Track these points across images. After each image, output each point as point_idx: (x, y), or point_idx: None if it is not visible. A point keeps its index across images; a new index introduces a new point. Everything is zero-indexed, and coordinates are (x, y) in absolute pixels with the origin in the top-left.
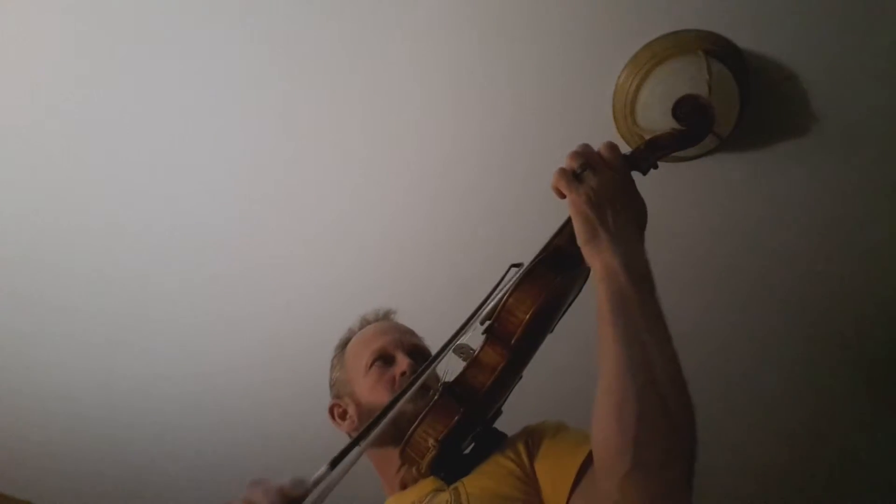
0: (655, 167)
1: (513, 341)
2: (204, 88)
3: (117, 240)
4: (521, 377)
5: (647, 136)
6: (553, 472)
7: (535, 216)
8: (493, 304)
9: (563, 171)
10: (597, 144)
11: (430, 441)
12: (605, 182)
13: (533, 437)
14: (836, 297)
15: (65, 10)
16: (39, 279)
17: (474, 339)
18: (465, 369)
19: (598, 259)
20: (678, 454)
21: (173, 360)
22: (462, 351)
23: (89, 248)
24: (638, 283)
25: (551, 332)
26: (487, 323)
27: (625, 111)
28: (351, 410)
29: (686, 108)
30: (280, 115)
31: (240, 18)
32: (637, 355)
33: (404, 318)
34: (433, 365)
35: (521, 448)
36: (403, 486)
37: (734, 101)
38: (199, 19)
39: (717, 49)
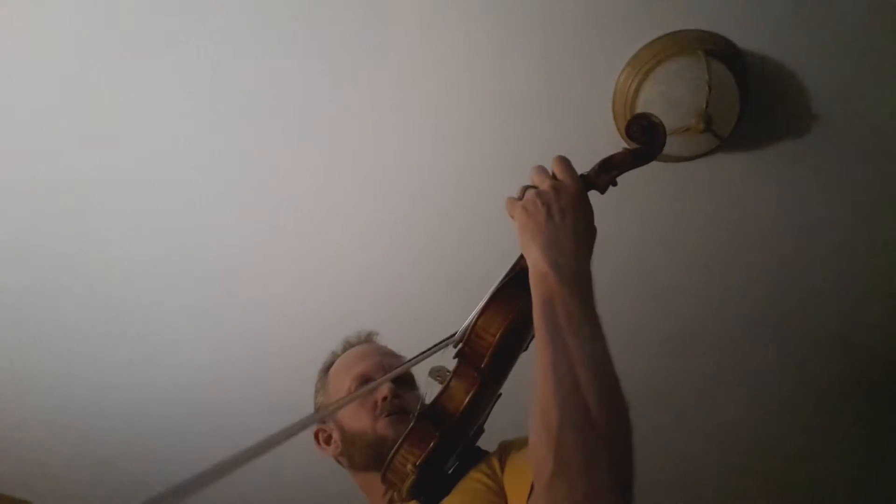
0: (615, 184)
1: (482, 365)
2: (200, 87)
3: (116, 250)
4: (500, 395)
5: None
6: (513, 485)
7: None
8: (464, 326)
9: (509, 198)
10: (597, 144)
11: (409, 466)
12: (542, 191)
13: (505, 452)
14: (837, 297)
15: (56, 14)
16: (39, 281)
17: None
18: (439, 395)
19: (529, 261)
20: (601, 460)
21: (174, 363)
22: (438, 374)
23: (89, 250)
24: (567, 284)
25: (525, 350)
26: (459, 346)
27: (625, 111)
28: (335, 436)
29: (637, 128)
30: (277, 116)
31: (240, 21)
32: (561, 360)
33: (399, 331)
34: (412, 363)
35: (496, 463)
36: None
37: (734, 101)
38: (197, 23)
39: (717, 49)
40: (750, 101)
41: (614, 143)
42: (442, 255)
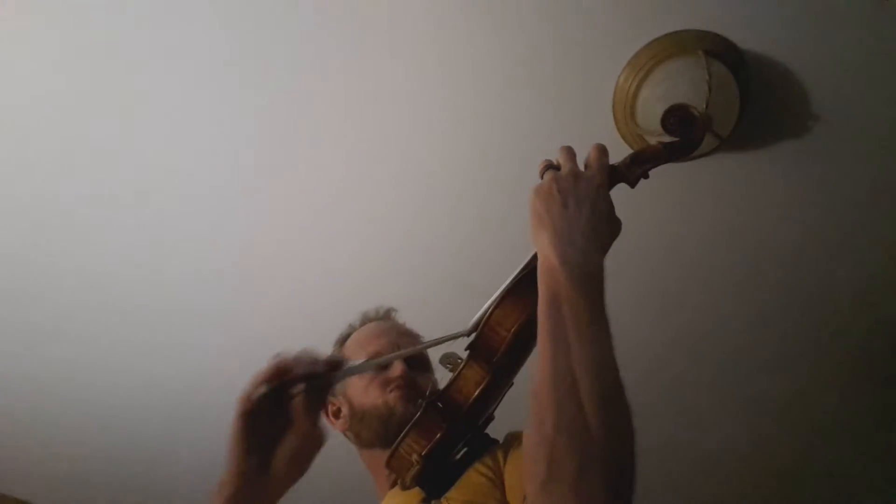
0: (646, 177)
1: (495, 359)
2: (200, 88)
3: (117, 238)
4: (511, 384)
5: (636, 148)
6: (512, 482)
7: None
8: (477, 316)
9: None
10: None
11: (414, 456)
12: (560, 176)
13: (509, 446)
14: (837, 297)
15: (51, 16)
16: (38, 278)
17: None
18: (448, 386)
19: (539, 251)
20: (596, 469)
21: (174, 360)
22: (449, 361)
23: (89, 247)
24: (576, 282)
25: None
26: (473, 336)
27: (625, 111)
28: (345, 410)
29: (674, 119)
30: (276, 112)
31: (237, 15)
32: (561, 361)
33: (400, 317)
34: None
35: (500, 457)
36: (394, 485)
37: (734, 101)
38: (193, 17)
39: (717, 49)
40: (750, 101)
41: (614, 143)
42: (445, 255)
